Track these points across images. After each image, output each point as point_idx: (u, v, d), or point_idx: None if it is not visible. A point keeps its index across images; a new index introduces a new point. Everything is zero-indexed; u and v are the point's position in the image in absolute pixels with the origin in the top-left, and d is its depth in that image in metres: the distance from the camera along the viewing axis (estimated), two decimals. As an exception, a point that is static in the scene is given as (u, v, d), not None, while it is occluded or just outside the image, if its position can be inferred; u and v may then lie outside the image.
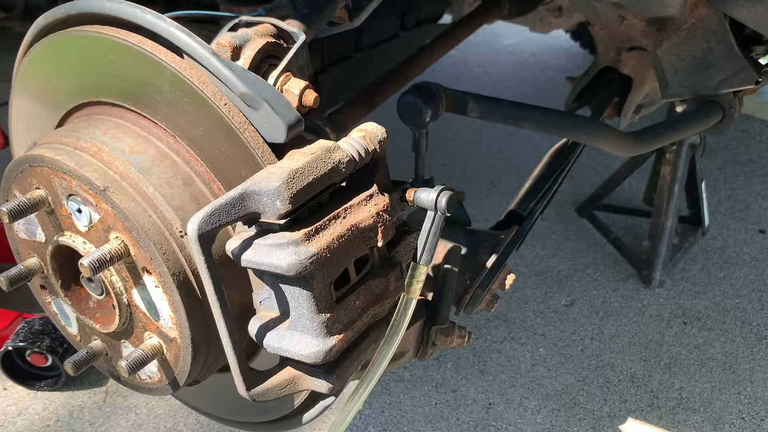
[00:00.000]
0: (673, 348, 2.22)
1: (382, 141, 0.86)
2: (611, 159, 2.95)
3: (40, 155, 0.87)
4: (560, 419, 1.96)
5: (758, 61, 1.36)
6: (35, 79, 1.00)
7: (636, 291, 2.46)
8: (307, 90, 0.91)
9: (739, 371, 2.12)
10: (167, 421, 1.92)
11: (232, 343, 0.77)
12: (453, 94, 1.22)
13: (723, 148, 3.32)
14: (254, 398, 0.81)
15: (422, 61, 1.51)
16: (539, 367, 2.14)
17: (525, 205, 1.30)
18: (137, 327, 0.92)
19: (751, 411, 1.99)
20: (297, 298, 0.77)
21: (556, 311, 2.36)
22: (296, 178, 0.75)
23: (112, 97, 0.91)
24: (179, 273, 0.84)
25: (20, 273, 0.94)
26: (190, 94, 0.83)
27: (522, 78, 4.09)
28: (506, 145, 3.33)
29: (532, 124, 1.31)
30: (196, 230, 0.71)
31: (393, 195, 0.88)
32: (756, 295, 2.43)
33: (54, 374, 1.98)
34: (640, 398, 2.03)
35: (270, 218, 0.75)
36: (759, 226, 2.79)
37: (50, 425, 1.91)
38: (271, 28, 0.94)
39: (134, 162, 0.86)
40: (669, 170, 2.42)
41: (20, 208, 0.88)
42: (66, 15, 0.91)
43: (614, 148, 1.39)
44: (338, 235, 0.78)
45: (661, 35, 1.35)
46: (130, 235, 0.84)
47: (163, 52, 0.84)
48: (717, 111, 1.57)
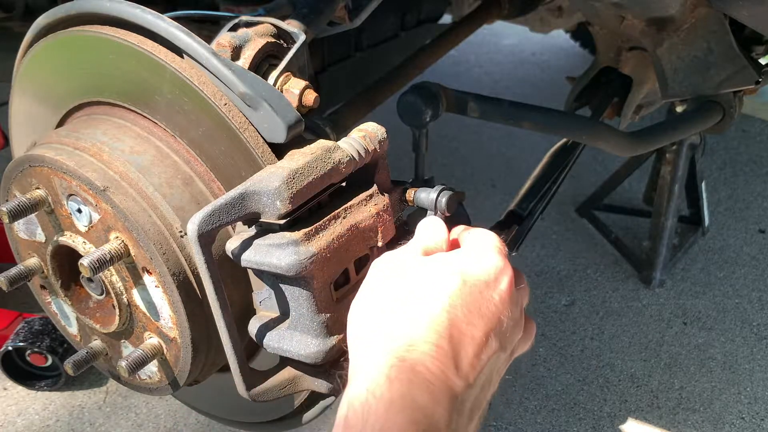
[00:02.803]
0: (673, 348, 2.22)
1: (382, 141, 0.86)
2: (611, 159, 2.95)
3: (40, 155, 0.87)
4: (560, 419, 1.96)
5: (758, 61, 1.36)
6: (35, 79, 1.00)
7: (636, 291, 2.46)
8: (307, 90, 0.91)
9: (739, 371, 2.12)
10: (167, 421, 1.92)
11: (232, 343, 0.77)
12: (453, 94, 1.21)
13: (723, 148, 3.32)
14: (254, 398, 0.81)
15: (422, 61, 1.51)
16: (539, 367, 2.14)
17: (525, 205, 1.30)
18: (137, 327, 0.92)
19: (751, 411, 1.99)
20: (297, 298, 0.77)
21: (556, 311, 2.36)
22: (296, 178, 0.75)
23: (112, 97, 0.91)
24: (179, 273, 0.84)
25: (20, 273, 0.94)
26: (190, 94, 0.83)
27: (522, 78, 4.09)
28: (506, 145, 3.33)
29: (532, 124, 1.31)
30: (196, 230, 0.71)
31: (393, 195, 0.88)
32: (756, 295, 2.43)
33: (54, 374, 1.98)
34: (640, 398, 2.03)
35: (270, 218, 0.75)
36: (759, 226, 2.79)
37: (50, 425, 1.91)
38: (271, 28, 0.94)
39: (134, 162, 0.86)
40: (669, 170, 2.41)
41: (20, 208, 0.88)
42: (66, 15, 0.91)
43: (614, 148, 1.39)
44: (338, 235, 0.78)
45: (661, 35, 1.35)
46: (130, 235, 0.84)
47: (163, 52, 0.84)
48: (717, 111, 1.57)
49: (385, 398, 0.56)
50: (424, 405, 0.56)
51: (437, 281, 0.67)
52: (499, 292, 0.67)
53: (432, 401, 0.57)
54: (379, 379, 0.58)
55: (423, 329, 0.62)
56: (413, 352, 0.60)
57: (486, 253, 0.71)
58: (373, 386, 0.57)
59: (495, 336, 0.65)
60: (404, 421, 0.55)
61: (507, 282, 0.69)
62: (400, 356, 0.59)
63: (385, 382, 0.57)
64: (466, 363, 0.62)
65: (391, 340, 0.62)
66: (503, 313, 0.66)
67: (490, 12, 1.76)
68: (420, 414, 0.56)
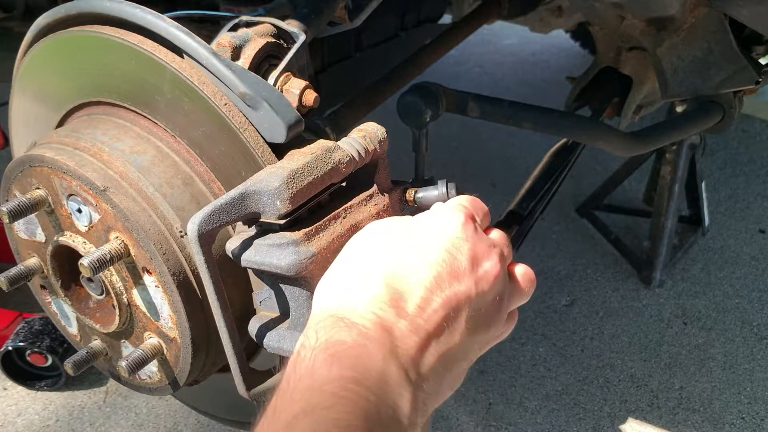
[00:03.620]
0: (673, 348, 2.22)
1: (382, 141, 0.86)
2: (611, 159, 2.95)
3: (40, 155, 0.87)
4: (560, 419, 1.96)
5: (758, 61, 1.36)
6: (35, 79, 1.00)
7: (636, 291, 2.46)
8: (307, 90, 0.91)
9: (739, 371, 2.12)
10: (167, 421, 1.92)
11: (232, 343, 0.77)
12: (453, 94, 1.22)
13: (723, 148, 3.32)
14: (254, 398, 0.81)
15: (422, 61, 1.51)
16: (539, 367, 2.14)
17: (525, 205, 1.30)
18: (137, 327, 0.92)
19: (751, 411, 1.99)
20: (297, 298, 0.77)
21: (556, 311, 2.36)
22: (296, 178, 0.75)
23: (112, 97, 0.91)
24: (179, 273, 0.84)
25: (20, 273, 0.94)
26: (191, 94, 0.84)
27: (522, 78, 4.09)
28: (506, 145, 3.33)
29: (532, 124, 1.31)
30: (196, 230, 0.71)
31: (393, 195, 0.88)
32: (756, 295, 2.43)
33: (54, 374, 1.98)
34: (640, 398, 2.03)
35: (270, 218, 0.75)
36: (759, 226, 2.79)
37: (50, 425, 1.91)
38: (271, 28, 0.94)
39: (134, 162, 0.86)
40: (669, 170, 2.41)
41: (20, 208, 0.88)
42: (66, 15, 0.91)
43: (614, 148, 1.39)
44: (338, 235, 0.78)
45: (661, 35, 1.35)
46: (130, 235, 0.84)
47: (164, 52, 0.84)
48: (717, 111, 1.58)
49: (310, 345, 0.59)
50: (351, 342, 0.59)
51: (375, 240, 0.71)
52: (450, 236, 0.69)
53: (361, 338, 0.59)
54: (309, 332, 0.61)
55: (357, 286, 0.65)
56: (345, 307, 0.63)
57: (441, 207, 0.75)
58: (303, 339, 0.61)
59: (451, 277, 0.66)
60: (327, 356, 0.57)
61: (458, 227, 0.70)
62: (332, 313, 0.63)
63: (312, 333, 0.60)
64: (412, 305, 0.63)
65: (328, 301, 0.66)
66: (456, 257, 0.67)
67: (490, 12, 1.76)
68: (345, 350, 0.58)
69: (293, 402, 0.54)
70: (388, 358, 0.59)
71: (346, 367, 0.56)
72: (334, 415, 0.52)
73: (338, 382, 0.55)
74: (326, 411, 0.53)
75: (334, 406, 0.53)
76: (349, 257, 0.71)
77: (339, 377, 0.55)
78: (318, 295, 0.69)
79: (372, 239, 0.71)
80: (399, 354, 0.60)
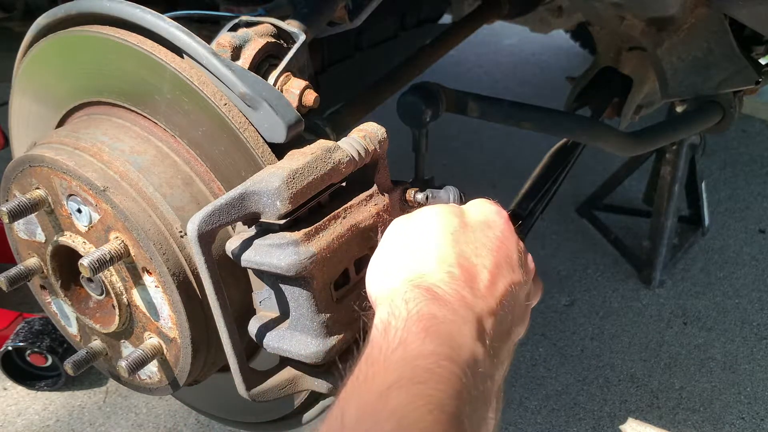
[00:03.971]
0: (673, 348, 2.22)
1: (382, 141, 0.86)
2: (611, 159, 2.95)
3: (40, 155, 0.87)
4: (560, 419, 1.96)
5: (758, 61, 1.36)
6: (35, 79, 1.00)
7: (636, 291, 2.46)
8: (307, 90, 0.91)
9: (739, 371, 2.12)
10: (167, 421, 1.92)
11: (232, 343, 0.77)
12: (453, 94, 1.22)
13: (723, 148, 3.32)
14: (254, 398, 0.81)
15: (422, 61, 1.51)
16: (539, 367, 2.14)
17: (525, 205, 1.30)
18: (137, 327, 0.92)
19: (751, 411, 1.99)
20: (297, 298, 0.77)
21: (556, 311, 2.36)
22: (296, 178, 0.75)
23: (112, 97, 0.91)
24: (179, 273, 0.84)
25: (20, 273, 0.94)
26: (190, 94, 0.83)
27: (522, 78, 4.09)
28: (506, 145, 3.33)
29: (532, 124, 1.31)
30: (196, 230, 0.71)
31: (393, 195, 0.89)
32: (756, 295, 2.43)
33: (54, 374, 1.98)
34: (640, 398, 2.03)
35: (270, 218, 0.75)
36: (759, 226, 2.79)
37: (50, 425, 1.91)
38: (271, 28, 0.94)
39: (134, 162, 0.86)
40: (669, 170, 2.41)
41: (20, 208, 0.88)
42: (66, 15, 0.91)
43: (614, 148, 1.39)
44: (338, 235, 0.78)
45: (661, 35, 1.35)
46: (130, 235, 0.84)
47: (163, 52, 0.84)
48: (717, 111, 1.58)
49: (402, 316, 0.59)
50: (443, 318, 0.59)
51: (441, 222, 0.72)
52: (500, 229, 0.73)
53: (451, 314, 0.60)
54: (397, 301, 0.61)
55: (433, 262, 0.66)
56: (427, 280, 0.64)
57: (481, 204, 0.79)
58: (391, 308, 0.61)
59: (507, 265, 0.69)
60: (420, 329, 0.57)
61: (503, 223, 0.75)
62: (415, 283, 0.63)
63: (401, 303, 0.61)
64: (482, 287, 0.65)
65: (406, 272, 0.66)
66: (509, 247, 0.71)
67: (490, 12, 1.76)
68: (437, 324, 0.58)
69: (387, 372, 0.54)
70: (476, 338, 0.60)
71: (439, 344, 0.57)
72: (429, 391, 0.53)
73: (432, 357, 0.55)
74: (420, 386, 0.53)
75: (428, 381, 0.53)
76: (420, 233, 0.71)
77: (433, 352, 0.56)
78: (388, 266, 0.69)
79: (437, 219, 0.72)
80: (484, 335, 0.62)
